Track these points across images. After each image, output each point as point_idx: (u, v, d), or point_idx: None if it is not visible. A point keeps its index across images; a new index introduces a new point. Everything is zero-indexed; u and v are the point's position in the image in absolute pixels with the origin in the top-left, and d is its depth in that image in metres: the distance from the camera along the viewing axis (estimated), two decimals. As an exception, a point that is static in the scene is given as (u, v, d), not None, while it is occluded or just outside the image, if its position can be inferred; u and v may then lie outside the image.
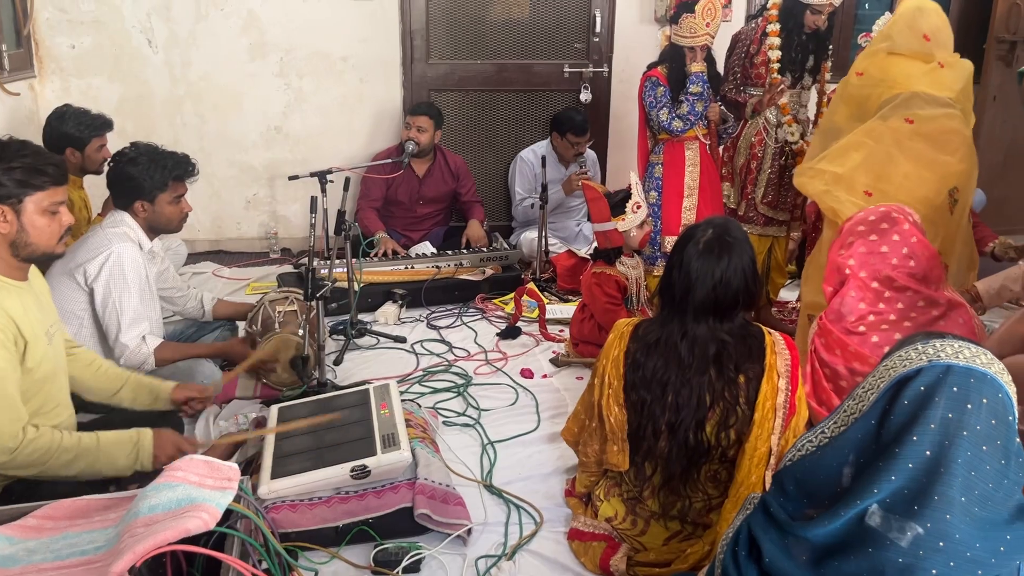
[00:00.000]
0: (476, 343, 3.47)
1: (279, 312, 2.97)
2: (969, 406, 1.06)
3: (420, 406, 2.73)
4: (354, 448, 2.15)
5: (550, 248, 4.30)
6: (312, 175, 3.52)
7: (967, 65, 2.94)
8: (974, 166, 2.81)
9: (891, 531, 1.07)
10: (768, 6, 3.42)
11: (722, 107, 3.55)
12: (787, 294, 3.94)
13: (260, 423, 2.39)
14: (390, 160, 4.12)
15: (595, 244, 4.41)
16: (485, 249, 4.17)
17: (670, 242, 3.45)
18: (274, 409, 2.39)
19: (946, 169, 2.74)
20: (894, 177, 2.76)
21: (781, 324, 3.72)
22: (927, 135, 2.75)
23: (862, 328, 2.20)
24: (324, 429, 2.24)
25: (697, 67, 3.31)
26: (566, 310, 3.75)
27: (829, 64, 3.49)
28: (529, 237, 4.46)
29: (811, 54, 3.38)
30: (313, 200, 2.89)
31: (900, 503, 1.07)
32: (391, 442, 2.16)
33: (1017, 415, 1.09)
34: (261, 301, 3.04)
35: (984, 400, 1.07)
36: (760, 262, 3.52)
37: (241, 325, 3.21)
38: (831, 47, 3.47)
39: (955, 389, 1.07)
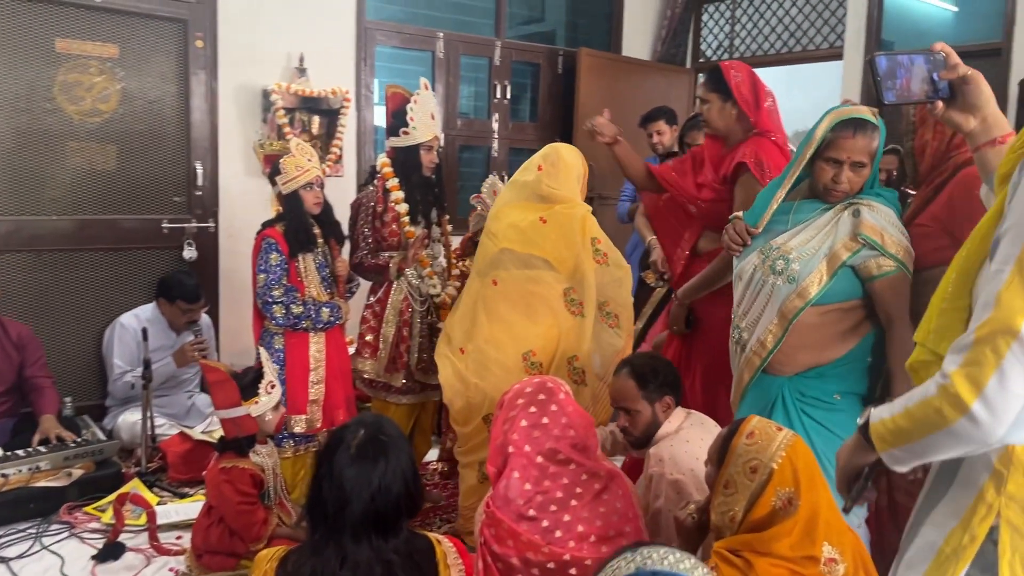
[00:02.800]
0: (63, 575, 2.72)
1: None
2: None
3: None
4: None
5: (157, 431, 3.68)
6: None
7: (573, 217, 2.85)
8: (578, 326, 2.80)
9: None
10: (379, 166, 3.36)
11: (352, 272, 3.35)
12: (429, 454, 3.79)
13: None
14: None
15: (209, 422, 3.93)
16: (71, 443, 3.39)
17: (296, 422, 3.10)
18: None
19: (525, 332, 2.79)
20: (477, 339, 2.83)
21: (425, 491, 3.54)
22: (507, 296, 2.81)
23: (532, 512, 2.06)
24: None
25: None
26: (184, 509, 3.16)
27: (448, 217, 3.51)
28: (130, 420, 3.78)
29: (432, 205, 3.37)
30: None
31: None
32: None
33: None
34: None
35: None
36: (407, 429, 3.34)
37: None
38: (445, 201, 3.49)
39: None
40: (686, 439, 2.35)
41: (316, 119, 4.65)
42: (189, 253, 4.34)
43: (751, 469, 1.80)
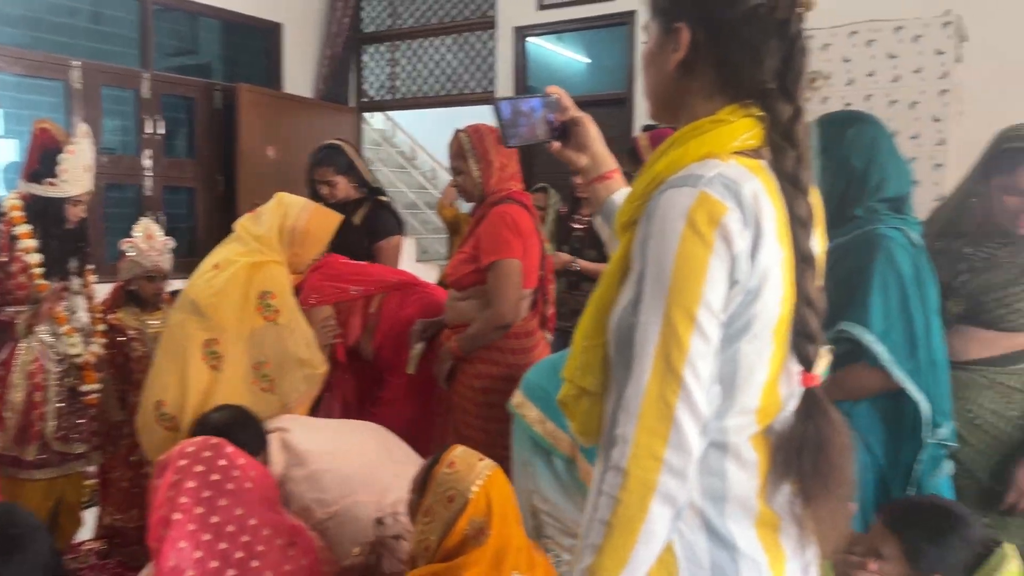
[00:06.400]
0: None
1: None
2: None
3: None
4: None
5: None
6: None
7: (235, 264, 2.64)
8: (211, 381, 2.58)
9: None
10: (6, 207, 2.91)
11: None
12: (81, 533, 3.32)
13: None
14: None
15: None
16: None
17: None
18: None
19: (162, 380, 2.59)
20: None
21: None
22: (162, 341, 2.67)
23: (208, 583, 1.88)
24: None
25: None
26: None
27: (92, 267, 3.14)
28: None
29: (73, 254, 2.99)
30: None
31: None
32: None
33: None
34: None
35: None
36: (48, 510, 2.89)
37: None
38: (88, 247, 3.13)
39: None
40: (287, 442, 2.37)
41: (-84, 154, 3.93)
42: None
43: (448, 498, 1.83)
